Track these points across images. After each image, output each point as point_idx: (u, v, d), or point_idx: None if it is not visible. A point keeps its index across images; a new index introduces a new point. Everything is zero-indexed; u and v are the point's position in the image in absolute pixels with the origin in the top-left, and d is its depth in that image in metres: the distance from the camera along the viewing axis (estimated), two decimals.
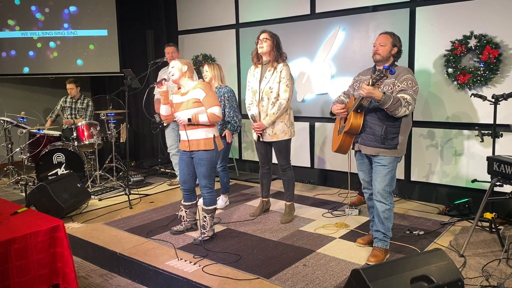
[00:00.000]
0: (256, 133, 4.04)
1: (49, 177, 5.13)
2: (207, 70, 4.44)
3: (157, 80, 3.70)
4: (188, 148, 3.59)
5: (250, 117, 4.06)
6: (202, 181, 3.62)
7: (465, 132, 4.36)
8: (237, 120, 4.46)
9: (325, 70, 5.24)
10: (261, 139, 4.07)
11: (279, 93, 3.90)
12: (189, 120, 3.48)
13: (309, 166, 5.60)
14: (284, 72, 3.90)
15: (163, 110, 3.65)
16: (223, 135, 4.43)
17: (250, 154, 6.19)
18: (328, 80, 5.23)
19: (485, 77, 4.11)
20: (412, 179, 4.75)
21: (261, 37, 3.92)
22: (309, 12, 5.35)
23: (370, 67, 3.35)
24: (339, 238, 3.71)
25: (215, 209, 3.76)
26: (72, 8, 6.86)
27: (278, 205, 4.64)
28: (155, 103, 5.44)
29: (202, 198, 3.71)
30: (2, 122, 5.71)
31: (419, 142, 4.65)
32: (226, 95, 4.39)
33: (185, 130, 3.54)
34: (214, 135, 3.58)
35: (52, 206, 4.12)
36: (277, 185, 5.48)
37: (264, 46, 3.90)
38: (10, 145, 5.77)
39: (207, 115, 3.50)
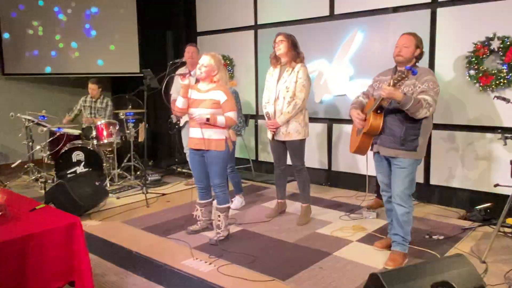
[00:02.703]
0: (270, 131, 4.02)
1: (68, 175, 5.17)
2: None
3: (182, 73, 3.68)
4: (199, 146, 3.57)
5: (265, 115, 4.05)
6: (215, 180, 3.61)
7: (488, 135, 4.24)
8: (241, 121, 4.57)
9: (344, 71, 5.18)
10: (275, 138, 4.05)
11: (295, 93, 3.88)
12: (208, 119, 3.47)
13: (327, 168, 5.54)
14: (301, 72, 3.90)
15: (180, 102, 3.63)
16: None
17: (267, 156, 6.16)
18: (347, 81, 5.17)
19: (508, 80, 4.00)
20: (432, 182, 4.66)
21: (277, 40, 3.94)
22: (328, 14, 5.29)
23: (391, 68, 3.29)
24: (356, 241, 3.65)
25: (229, 207, 3.74)
26: (94, 9, 6.94)
27: (294, 207, 4.59)
28: (171, 103, 5.44)
29: (216, 198, 3.69)
30: (23, 120, 5.78)
31: (439, 145, 4.55)
32: None
33: (201, 128, 3.52)
34: (225, 137, 3.58)
35: (70, 203, 4.14)
36: (293, 187, 5.43)
37: (281, 48, 3.91)
38: (31, 143, 5.83)
39: (225, 118, 3.51)
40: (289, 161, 4.17)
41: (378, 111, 3.10)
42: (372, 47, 4.92)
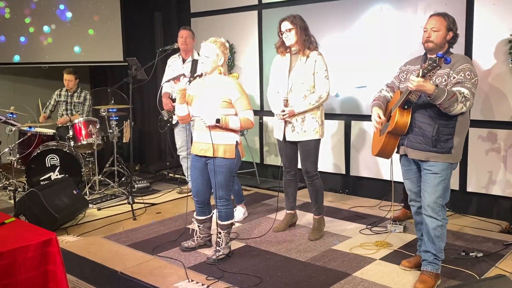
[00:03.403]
0: (283, 119, 3.96)
1: (41, 182, 5.19)
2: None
3: (175, 76, 3.68)
4: (205, 152, 3.57)
5: (271, 105, 3.95)
6: (218, 192, 3.59)
7: None
8: None
9: (363, 58, 5.18)
10: (286, 138, 4.05)
11: (319, 86, 3.92)
12: (218, 121, 3.43)
13: (344, 172, 5.54)
14: (320, 62, 3.94)
15: (178, 110, 3.65)
16: None
17: (273, 159, 6.16)
18: (367, 71, 5.17)
19: None
20: (469, 190, 4.66)
21: (283, 29, 3.94)
22: None
23: (420, 56, 3.29)
24: (380, 259, 3.66)
25: (232, 224, 3.74)
26: None
27: (306, 218, 4.60)
28: (162, 96, 5.46)
29: (217, 211, 3.70)
30: None
31: (477, 145, 4.55)
32: None
33: (210, 131, 3.48)
34: (237, 141, 3.55)
35: (44, 216, 4.16)
36: (305, 195, 5.43)
37: (291, 37, 3.92)
38: None
39: (240, 120, 3.47)
40: (299, 166, 4.17)
41: (405, 107, 3.10)
42: (398, 29, 4.91)
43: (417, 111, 3.11)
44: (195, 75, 3.62)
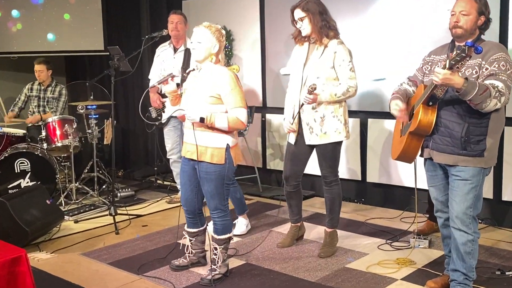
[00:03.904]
0: (308, 103, 3.87)
1: (10, 191, 5.19)
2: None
3: (161, 78, 3.69)
4: (191, 155, 3.57)
5: (308, 88, 3.85)
6: (210, 203, 3.59)
7: None
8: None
9: (381, 47, 5.18)
10: (300, 141, 4.04)
11: (343, 81, 3.90)
12: (202, 120, 3.43)
13: (359, 179, 5.54)
14: (341, 53, 3.90)
15: (175, 113, 3.73)
16: None
17: (278, 163, 6.17)
18: (386, 62, 5.17)
19: None
20: (504, 198, 4.66)
21: (296, 18, 3.94)
22: None
23: (446, 44, 3.29)
24: (402, 279, 3.66)
25: (230, 238, 3.73)
26: None
27: (315, 232, 4.60)
28: (150, 91, 5.47)
29: (212, 224, 3.70)
30: None
31: None
32: None
33: (194, 129, 3.49)
34: (228, 145, 3.51)
35: (13, 229, 4.16)
36: (314, 204, 5.43)
37: (305, 27, 3.92)
38: None
39: (228, 120, 3.44)
40: (310, 171, 4.16)
41: (430, 103, 3.10)
42: (422, 13, 4.91)
43: (443, 108, 3.11)
44: (187, 71, 3.62)
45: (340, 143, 4.06)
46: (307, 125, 3.99)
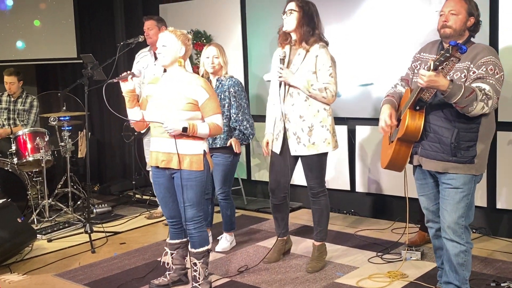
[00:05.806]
0: (279, 76, 3.92)
1: None
2: (216, 56, 4.40)
3: (122, 74, 3.71)
4: (167, 164, 3.58)
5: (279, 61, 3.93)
6: (188, 212, 3.60)
7: None
8: (247, 126, 4.49)
9: (368, 51, 5.22)
10: (284, 152, 4.05)
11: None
12: (185, 129, 3.46)
13: (348, 189, 5.56)
14: (322, 57, 3.91)
15: (131, 114, 3.73)
16: (228, 144, 4.43)
17: (263, 174, 6.17)
18: (373, 66, 5.21)
19: None
20: (499, 206, 4.69)
21: (287, 8, 3.95)
22: None
23: (437, 40, 3.31)
24: None
25: (209, 251, 3.73)
26: None
27: (303, 245, 4.61)
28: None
29: (189, 238, 3.70)
30: None
31: (507, 152, 4.60)
32: (232, 89, 4.41)
33: (175, 139, 3.52)
34: (204, 151, 3.59)
35: None
36: (302, 217, 5.44)
37: (289, 21, 3.92)
38: None
39: (210, 127, 3.53)
40: (296, 182, 4.17)
41: (417, 107, 3.11)
42: (410, 13, 4.94)
43: (432, 113, 3.13)
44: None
45: (326, 153, 4.08)
46: (294, 135, 3.99)
